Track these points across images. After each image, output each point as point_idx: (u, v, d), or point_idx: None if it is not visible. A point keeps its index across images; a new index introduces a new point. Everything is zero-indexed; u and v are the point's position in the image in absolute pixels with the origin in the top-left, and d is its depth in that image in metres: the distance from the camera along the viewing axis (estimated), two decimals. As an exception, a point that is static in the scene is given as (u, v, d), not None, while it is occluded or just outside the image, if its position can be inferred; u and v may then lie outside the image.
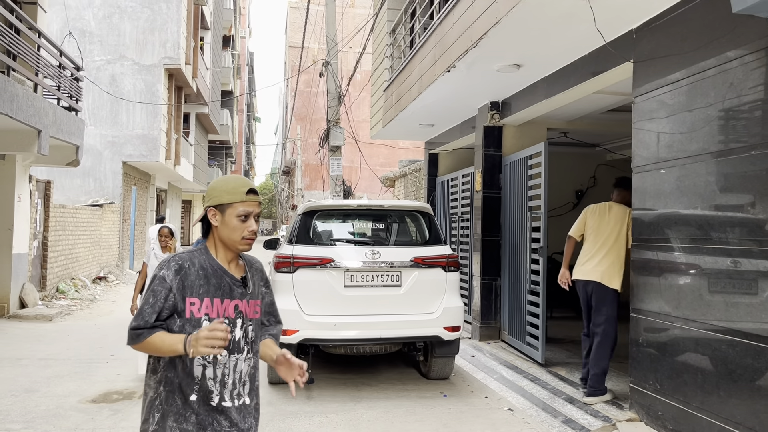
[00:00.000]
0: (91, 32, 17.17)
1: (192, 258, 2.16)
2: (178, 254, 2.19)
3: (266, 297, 2.38)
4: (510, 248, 7.63)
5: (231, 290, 2.16)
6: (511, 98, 7.51)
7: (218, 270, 2.16)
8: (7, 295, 9.81)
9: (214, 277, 2.14)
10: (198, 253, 2.20)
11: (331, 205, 6.30)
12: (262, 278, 2.34)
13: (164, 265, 2.13)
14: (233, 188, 2.16)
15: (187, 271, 2.10)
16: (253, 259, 2.36)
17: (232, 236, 2.14)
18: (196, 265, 2.13)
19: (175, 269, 2.10)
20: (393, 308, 5.83)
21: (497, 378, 6.39)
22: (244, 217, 2.14)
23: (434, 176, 11.07)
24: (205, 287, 2.11)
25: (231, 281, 2.17)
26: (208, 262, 2.17)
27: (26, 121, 8.14)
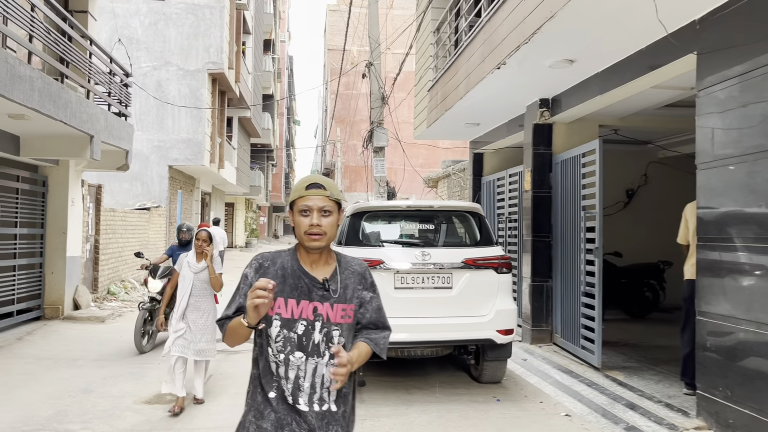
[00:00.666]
0: (137, 39, 17.53)
1: (275, 258, 2.18)
2: (262, 253, 2.22)
3: (371, 302, 2.23)
4: (562, 249, 7.45)
5: (309, 292, 2.11)
6: (562, 95, 7.33)
7: (297, 271, 2.13)
8: (62, 297, 10.05)
9: (291, 278, 2.11)
10: (285, 253, 2.20)
11: (380, 206, 6.24)
12: (363, 281, 2.22)
13: (250, 263, 2.19)
14: (297, 185, 2.15)
15: (266, 270, 2.13)
16: (353, 261, 2.26)
17: (298, 233, 2.11)
18: (276, 264, 2.14)
19: (255, 267, 2.16)
20: (444, 311, 5.73)
21: (552, 382, 6.22)
22: (305, 212, 2.09)
23: (479, 176, 10.92)
24: (280, 287, 2.08)
25: (310, 283, 2.12)
26: (290, 262, 2.15)
27: (79, 127, 8.30)
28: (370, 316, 2.22)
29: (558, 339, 7.58)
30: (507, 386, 6.27)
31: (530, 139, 7.85)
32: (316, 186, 2.11)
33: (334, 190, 2.15)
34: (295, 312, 2.07)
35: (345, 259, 2.23)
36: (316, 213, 2.07)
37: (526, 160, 8.01)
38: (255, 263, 2.17)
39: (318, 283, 2.11)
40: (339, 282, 2.14)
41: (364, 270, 2.25)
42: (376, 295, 2.25)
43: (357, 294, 2.18)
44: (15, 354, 7.58)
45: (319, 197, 2.09)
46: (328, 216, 2.08)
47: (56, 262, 10.03)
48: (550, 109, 7.66)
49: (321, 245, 2.08)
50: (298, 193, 2.12)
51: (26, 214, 9.45)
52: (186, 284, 5.54)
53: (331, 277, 2.14)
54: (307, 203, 2.08)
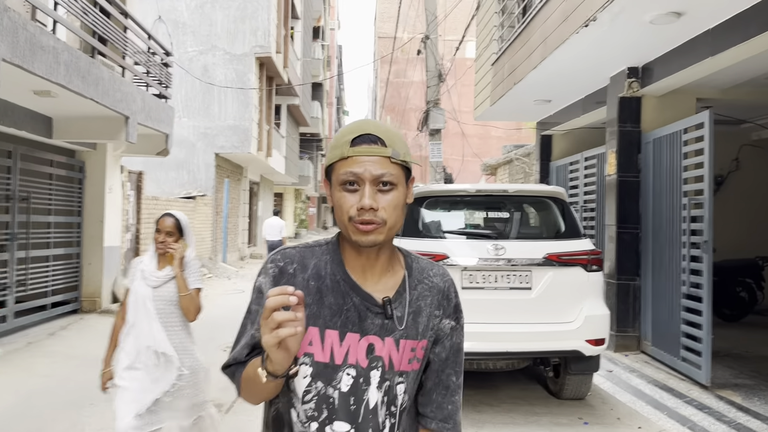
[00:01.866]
0: (183, 23, 17.01)
1: (304, 258, 1.34)
2: (284, 250, 1.37)
3: (451, 337, 1.40)
4: (654, 242, 6.36)
5: (361, 318, 1.29)
6: (656, 62, 6.23)
7: (341, 282, 1.31)
8: (99, 289, 9.50)
9: (332, 294, 1.30)
10: (320, 250, 1.37)
11: (444, 191, 5.31)
12: (444, 303, 1.39)
13: (264, 266, 1.36)
14: (338, 138, 1.29)
15: (291, 278, 1.31)
16: (431, 269, 1.41)
17: (340, 217, 1.28)
18: (307, 269, 1.32)
19: (273, 275, 1.32)
20: (522, 316, 4.78)
21: (648, 401, 5.20)
22: (350, 184, 1.25)
23: (547, 161, 9.84)
24: (313, 308, 1.28)
25: (363, 303, 1.30)
26: (329, 267, 1.33)
27: (113, 107, 7.65)
28: (444, 361, 1.39)
29: (648, 347, 6.50)
30: (593, 404, 5.29)
31: (615, 115, 6.77)
32: (370, 139, 1.26)
33: (400, 146, 1.28)
34: (337, 353, 1.28)
35: (418, 265, 1.40)
36: (370, 186, 1.24)
37: (609, 139, 6.93)
38: (272, 267, 1.33)
39: (375, 305, 1.30)
40: (408, 303, 1.33)
41: (448, 285, 1.40)
42: (460, 327, 1.42)
43: (433, 323, 1.36)
44: (44, 351, 7.00)
45: (375, 159, 1.25)
46: (390, 191, 1.25)
47: (93, 252, 9.48)
48: (640, 79, 6.56)
49: (377, 240, 1.25)
50: (340, 151, 1.27)
51: (62, 201, 8.90)
52: (138, 306, 3.24)
53: (396, 295, 1.32)
54: (354, 169, 1.24)
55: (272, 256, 1.36)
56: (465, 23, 12.08)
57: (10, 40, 5.38)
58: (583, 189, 8.25)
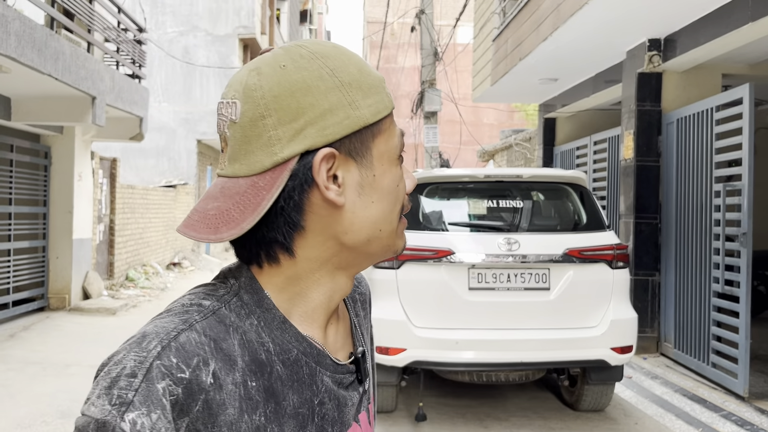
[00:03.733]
0: (163, 2, 16.17)
1: (219, 339, 0.65)
2: (178, 340, 0.63)
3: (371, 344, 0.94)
4: (678, 233, 5.74)
5: (341, 405, 0.74)
6: (682, 32, 5.57)
7: (303, 355, 0.71)
8: (68, 285, 8.78)
9: (293, 386, 0.69)
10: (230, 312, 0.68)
11: (448, 177, 4.64)
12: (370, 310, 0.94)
13: (127, 393, 0.59)
14: (367, 71, 0.70)
15: (214, 393, 0.62)
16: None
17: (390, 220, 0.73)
18: (235, 360, 0.65)
19: (170, 402, 0.59)
20: (538, 320, 4.15)
21: (679, 415, 4.59)
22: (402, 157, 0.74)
23: (551, 146, 9.19)
24: (273, 428, 0.67)
25: (335, 379, 0.74)
26: (269, 335, 0.69)
27: (76, 85, 6.91)
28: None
29: (669, 350, 5.90)
30: (614, 417, 4.69)
31: (632, 92, 6.12)
32: None
33: None
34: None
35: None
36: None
37: (626, 120, 6.29)
38: (174, 392, 0.60)
39: (348, 372, 0.77)
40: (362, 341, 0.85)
41: (369, 290, 0.95)
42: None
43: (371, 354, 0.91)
44: (0, 356, 6.30)
45: None
46: None
47: (61, 245, 8.75)
48: (662, 52, 5.91)
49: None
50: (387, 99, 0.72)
51: (25, 189, 8.15)
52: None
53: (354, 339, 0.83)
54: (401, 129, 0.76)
55: (156, 361, 0.60)
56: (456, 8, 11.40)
57: (-56, 3, 4.65)
58: (592, 176, 7.61)
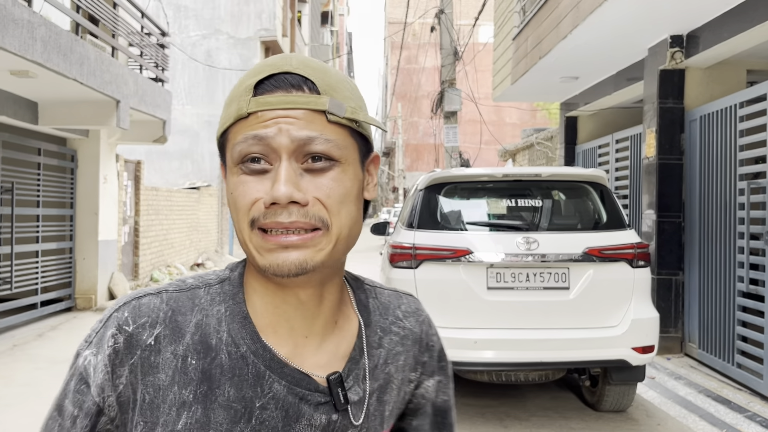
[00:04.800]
0: (186, 6, 16.37)
1: (178, 310, 0.75)
2: (141, 299, 0.76)
3: (431, 401, 0.89)
4: (702, 232, 5.66)
5: (290, 419, 0.73)
6: (705, 27, 5.49)
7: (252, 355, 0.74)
8: (94, 285, 8.94)
9: (233, 381, 0.73)
10: (208, 294, 0.77)
11: (466, 176, 4.64)
12: (421, 357, 0.88)
13: (92, 334, 0.76)
14: (233, 90, 0.76)
15: (150, 354, 0.73)
16: (393, 301, 0.88)
17: (237, 226, 0.73)
18: (184, 334, 0.74)
19: (113, 350, 0.72)
20: (558, 320, 4.12)
21: (702, 416, 4.53)
22: (252, 161, 0.71)
23: (573, 144, 9.11)
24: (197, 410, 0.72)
25: (292, 391, 0.74)
26: (228, 326, 0.75)
27: (101, 89, 7.04)
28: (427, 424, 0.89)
29: (694, 350, 5.82)
30: (636, 418, 4.63)
31: (654, 90, 6.05)
32: (288, 83, 0.72)
33: (346, 94, 0.74)
34: None
35: (378, 301, 0.86)
36: (288, 162, 0.70)
37: (647, 118, 6.21)
38: (114, 334, 0.73)
39: (316, 391, 0.75)
40: (370, 374, 0.80)
41: (426, 327, 0.89)
42: (447, 380, 0.91)
43: (404, 393, 0.86)
44: (28, 355, 6.44)
45: (299, 115, 0.70)
46: (329, 170, 0.72)
47: (87, 246, 8.91)
48: (684, 49, 5.83)
49: (309, 263, 0.71)
50: (236, 106, 0.73)
51: (52, 192, 8.32)
52: None
53: (350, 365, 0.79)
54: (260, 132, 0.70)
55: (114, 312, 0.75)
56: (477, 7, 11.36)
57: (-27, 11, 4.77)
58: (614, 174, 7.54)
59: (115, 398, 0.72)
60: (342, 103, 0.72)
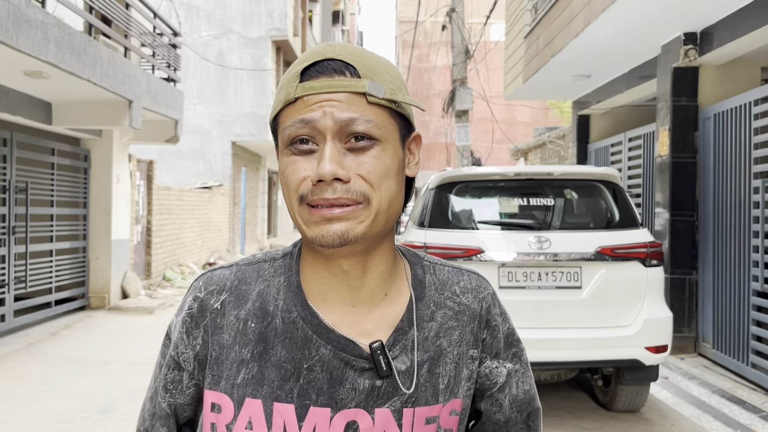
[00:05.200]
0: (197, 6, 16.43)
1: (243, 281, 0.86)
2: (211, 273, 0.89)
3: (504, 390, 0.91)
4: (716, 231, 5.61)
5: (334, 381, 0.79)
6: (719, 24, 5.44)
7: (302, 321, 0.81)
8: (108, 285, 9.01)
9: (284, 343, 0.81)
10: (271, 267, 0.87)
11: (477, 175, 4.62)
12: (481, 333, 0.89)
13: (184, 302, 0.89)
14: (283, 77, 0.83)
15: (215, 317, 0.84)
16: (452, 277, 0.90)
17: (289, 204, 0.80)
18: (247, 301, 0.84)
19: (188, 314, 0.86)
20: (570, 319, 4.11)
21: (716, 416, 4.49)
22: (300, 142, 0.77)
23: (585, 143, 9.06)
24: (253, 368, 0.81)
25: (337, 356, 0.80)
26: (284, 295, 0.83)
27: (113, 89, 7.09)
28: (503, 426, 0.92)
29: (707, 350, 5.77)
30: (650, 418, 4.60)
31: (667, 88, 6.00)
32: (331, 68, 0.78)
33: (386, 77, 0.80)
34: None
35: (435, 277, 0.88)
36: (333, 143, 0.76)
37: (661, 116, 6.17)
38: (190, 302, 0.86)
39: (360, 357, 0.80)
40: (419, 345, 0.83)
41: (487, 305, 0.89)
42: (523, 366, 0.92)
43: (469, 371, 0.87)
44: (42, 354, 6.50)
45: (342, 98, 0.76)
46: (371, 148, 0.77)
47: (101, 246, 8.98)
48: (698, 46, 5.78)
49: (352, 234, 0.76)
50: (284, 92, 0.79)
51: (66, 192, 8.39)
52: None
53: (397, 335, 0.82)
54: (306, 115, 0.76)
55: (194, 282, 0.89)
56: (488, 5, 11.34)
57: (-12, 12, 4.82)
58: (627, 173, 7.49)
59: (192, 355, 0.85)
60: (381, 86, 0.77)
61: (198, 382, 0.86)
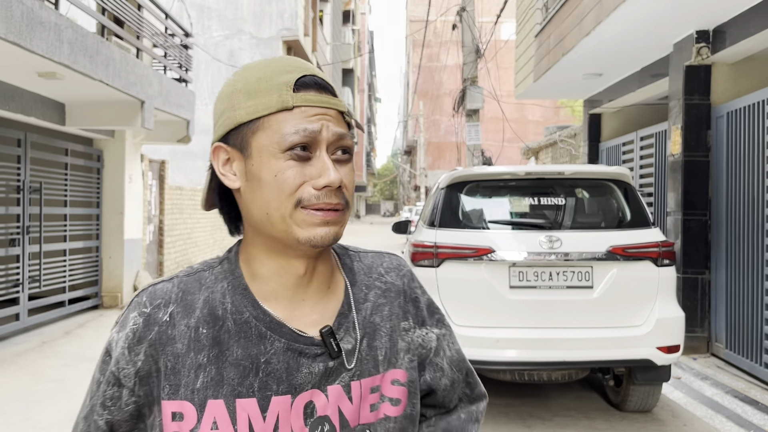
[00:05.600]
0: (209, 7, 16.53)
1: (187, 291, 0.90)
2: (155, 286, 0.91)
3: (443, 349, 1.03)
4: (729, 230, 5.57)
5: (291, 369, 0.86)
6: (732, 22, 5.40)
7: (254, 319, 0.87)
8: (120, 284, 9.08)
9: (239, 342, 0.87)
10: (211, 275, 0.91)
11: (487, 174, 4.62)
12: (407, 307, 0.99)
13: (120, 317, 0.91)
14: (260, 80, 0.86)
15: (166, 328, 0.88)
16: (375, 261, 1.01)
17: (276, 207, 0.83)
18: (194, 309, 0.88)
19: (133, 329, 0.87)
20: (581, 319, 4.09)
21: (729, 417, 4.46)
22: (301, 149, 0.83)
23: (596, 142, 9.02)
24: (210, 371, 0.86)
25: (291, 346, 0.87)
26: (231, 298, 0.89)
27: (126, 90, 7.14)
28: (449, 388, 1.04)
29: (720, 350, 5.73)
30: (662, 419, 4.58)
31: (680, 86, 5.96)
32: (318, 84, 0.86)
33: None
34: (257, 428, 0.85)
35: (362, 263, 1.00)
36: (326, 152, 0.84)
37: (673, 115, 6.13)
38: (134, 317, 0.88)
39: (312, 344, 0.88)
40: (358, 325, 0.93)
41: (407, 281, 1.02)
42: (447, 331, 1.05)
43: (405, 342, 0.97)
44: (56, 352, 6.56)
45: (332, 114, 0.86)
46: (349, 162, 0.88)
47: (113, 245, 9.05)
48: (711, 44, 5.73)
49: (339, 235, 0.87)
50: (277, 96, 0.84)
51: (79, 192, 8.46)
52: None
53: (340, 319, 0.92)
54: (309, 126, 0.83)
55: (135, 297, 0.91)
56: (498, 4, 11.31)
57: (3, 14, 4.87)
58: (638, 172, 7.45)
59: (133, 371, 0.86)
60: (349, 108, 0.89)
61: (137, 399, 0.87)
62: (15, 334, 7.13)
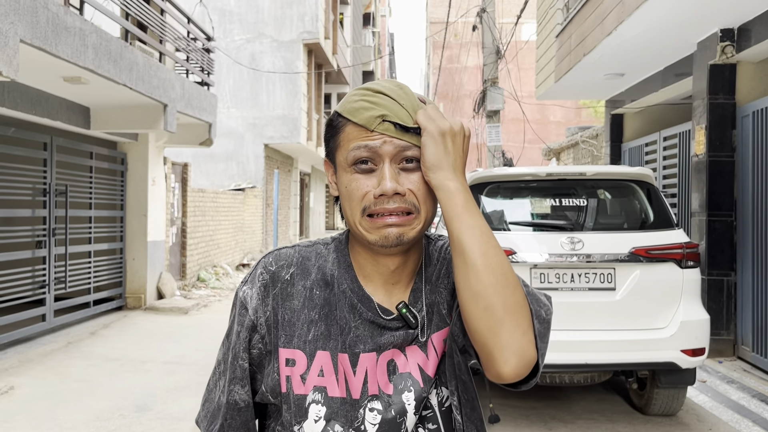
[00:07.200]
0: (230, 11, 16.66)
1: (305, 258, 1.07)
2: (278, 250, 1.09)
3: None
4: (755, 231, 5.48)
5: (374, 333, 1.02)
6: (757, 20, 5.32)
7: (350, 291, 1.04)
8: (144, 285, 9.19)
9: (341, 306, 1.04)
10: (324, 249, 1.09)
11: (508, 175, 4.59)
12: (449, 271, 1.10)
13: (250, 274, 1.08)
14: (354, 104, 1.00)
15: (286, 286, 1.05)
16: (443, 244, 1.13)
17: (350, 214, 0.99)
18: (310, 273, 1.06)
19: (262, 284, 1.05)
20: (604, 322, 4.05)
21: (756, 421, 4.38)
22: (362, 163, 0.97)
23: (618, 142, 8.93)
24: (320, 326, 1.03)
25: (374, 317, 1.02)
26: (337, 270, 1.06)
27: (149, 94, 7.24)
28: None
29: (747, 353, 5.63)
30: (687, 422, 4.51)
31: (704, 85, 5.88)
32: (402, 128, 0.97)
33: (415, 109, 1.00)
34: (353, 383, 1.00)
35: (435, 246, 1.12)
36: (390, 165, 0.96)
37: (697, 114, 6.04)
38: (262, 273, 1.05)
39: (393, 318, 1.03)
40: (426, 296, 1.06)
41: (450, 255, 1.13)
42: None
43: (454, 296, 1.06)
44: (82, 353, 6.66)
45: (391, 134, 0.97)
46: (417, 170, 0.97)
47: (137, 247, 9.17)
48: (735, 43, 5.65)
49: (407, 237, 0.97)
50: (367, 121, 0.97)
51: (103, 194, 8.59)
52: None
53: (415, 295, 1.06)
54: (371, 143, 0.96)
55: (262, 258, 1.09)
56: (519, 5, 11.27)
57: (29, 20, 4.96)
58: (662, 173, 7.36)
59: (264, 319, 1.02)
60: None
61: (265, 345, 1.02)
62: (41, 334, 7.25)
